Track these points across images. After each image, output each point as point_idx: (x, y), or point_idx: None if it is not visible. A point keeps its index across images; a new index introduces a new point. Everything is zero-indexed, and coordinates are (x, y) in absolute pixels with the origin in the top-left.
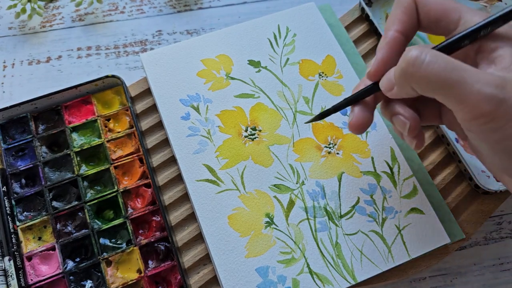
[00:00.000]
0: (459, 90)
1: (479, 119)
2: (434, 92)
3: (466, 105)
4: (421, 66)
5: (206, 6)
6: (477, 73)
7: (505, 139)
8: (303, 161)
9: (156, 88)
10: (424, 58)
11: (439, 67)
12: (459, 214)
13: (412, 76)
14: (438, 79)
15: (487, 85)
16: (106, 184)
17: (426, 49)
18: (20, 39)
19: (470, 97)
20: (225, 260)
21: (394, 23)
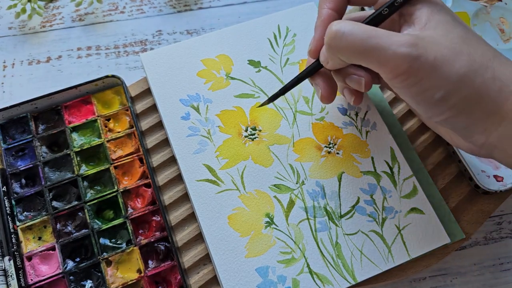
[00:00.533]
0: (377, 55)
1: (398, 77)
2: (357, 60)
3: (385, 67)
4: (341, 39)
5: (206, 6)
6: (391, 36)
7: (423, 91)
8: (303, 161)
9: (156, 88)
10: (343, 31)
11: (356, 37)
12: (459, 214)
13: (335, 48)
14: (357, 48)
15: (401, 46)
16: (106, 184)
17: (345, 22)
18: (20, 39)
19: (387, 59)
20: (225, 260)
21: (325, 1)
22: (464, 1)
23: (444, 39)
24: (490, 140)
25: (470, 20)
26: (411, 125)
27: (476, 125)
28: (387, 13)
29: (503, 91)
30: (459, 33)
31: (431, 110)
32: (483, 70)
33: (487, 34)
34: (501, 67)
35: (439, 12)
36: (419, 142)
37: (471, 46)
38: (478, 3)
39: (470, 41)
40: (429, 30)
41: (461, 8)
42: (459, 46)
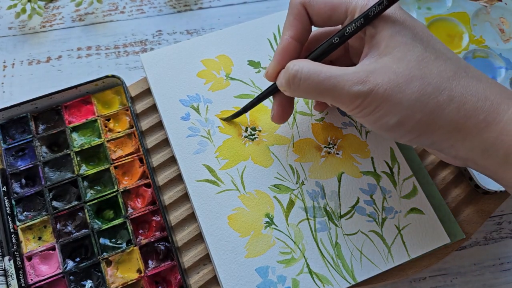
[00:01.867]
0: (332, 95)
1: (354, 110)
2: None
3: (342, 104)
4: (299, 83)
5: (206, 6)
6: (345, 76)
7: (378, 119)
8: (303, 161)
9: (156, 89)
10: (300, 76)
11: (313, 82)
12: (459, 214)
13: (294, 90)
14: (314, 91)
15: (354, 84)
16: (106, 184)
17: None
18: (20, 39)
19: (343, 98)
20: (225, 260)
21: (287, 29)
22: (464, 1)
23: (398, 65)
24: (460, 153)
25: (470, 20)
26: None
27: (441, 143)
28: (338, 42)
29: (460, 111)
30: (416, 54)
31: (391, 135)
32: (438, 93)
33: (487, 34)
34: (460, 86)
35: (398, 32)
36: None
37: (427, 67)
38: (478, 3)
39: (427, 61)
40: (386, 56)
41: (461, 8)
42: (413, 71)
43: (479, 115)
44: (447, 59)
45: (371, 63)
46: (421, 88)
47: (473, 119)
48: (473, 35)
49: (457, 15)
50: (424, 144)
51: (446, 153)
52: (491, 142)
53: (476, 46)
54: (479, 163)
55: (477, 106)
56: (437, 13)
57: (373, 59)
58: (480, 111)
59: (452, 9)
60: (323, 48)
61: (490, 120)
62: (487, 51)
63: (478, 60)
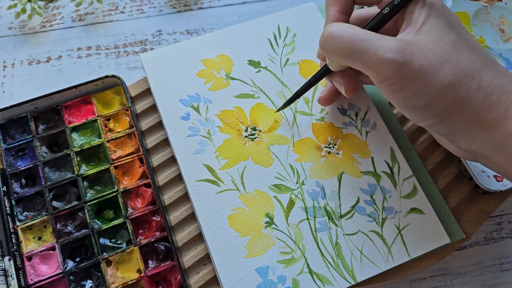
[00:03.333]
0: (364, 58)
1: (384, 81)
2: (346, 61)
3: (372, 71)
4: (331, 41)
5: (206, 6)
6: (380, 41)
7: (408, 98)
8: (303, 161)
9: (156, 88)
10: (333, 34)
11: (344, 40)
12: (459, 214)
13: (326, 50)
14: (345, 51)
15: (388, 51)
16: (106, 184)
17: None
18: (20, 39)
19: (374, 63)
20: (225, 260)
21: (331, 4)
22: (464, 1)
23: (434, 45)
24: (473, 147)
25: (470, 20)
26: (411, 125)
27: (459, 133)
28: (388, 13)
29: (486, 101)
30: (451, 39)
31: (415, 116)
32: (469, 80)
33: (487, 34)
34: (489, 77)
35: (436, 15)
36: (419, 142)
37: (461, 53)
38: (478, 3)
39: (461, 48)
40: (422, 34)
41: (461, 8)
42: (448, 54)
43: (501, 108)
44: (478, 50)
45: (408, 37)
46: (455, 73)
47: (495, 112)
48: (473, 35)
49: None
50: (442, 131)
51: (460, 145)
52: (506, 137)
53: None
54: (491, 158)
55: (500, 99)
56: None
57: (411, 35)
58: (502, 104)
59: (452, 9)
60: (375, 21)
61: (509, 115)
62: (487, 51)
63: None
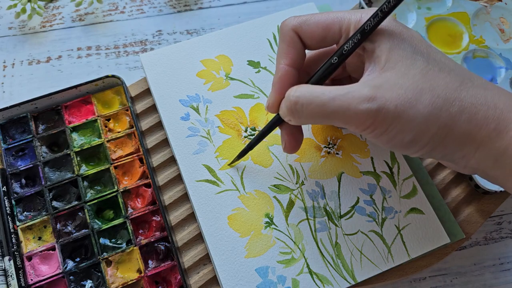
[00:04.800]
0: (340, 116)
1: (366, 130)
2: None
3: (350, 125)
4: (302, 109)
5: (206, 6)
6: (349, 94)
7: (392, 139)
8: (303, 161)
9: (156, 89)
10: (302, 102)
11: (316, 105)
12: (459, 214)
13: (299, 118)
14: (319, 115)
15: (360, 102)
16: (106, 184)
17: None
18: (20, 39)
19: (350, 119)
20: (225, 260)
21: (281, 57)
22: (464, 1)
23: (404, 80)
24: (470, 164)
25: (470, 20)
26: None
27: (453, 154)
28: (337, 62)
29: (472, 121)
30: (419, 67)
31: (405, 151)
32: (449, 105)
33: (487, 34)
34: (468, 95)
35: (398, 46)
36: None
37: (434, 79)
38: (478, 3)
39: (432, 73)
40: (388, 70)
41: (461, 8)
42: (420, 84)
43: (490, 124)
44: (450, 70)
45: (375, 78)
46: (432, 101)
47: (485, 129)
48: (473, 35)
49: (457, 15)
50: (436, 156)
51: (457, 163)
52: (501, 151)
53: (476, 46)
54: (489, 173)
55: (487, 115)
56: (437, 13)
57: (376, 74)
58: (490, 120)
59: (452, 9)
60: (323, 70)
61: (501, 129)
62: (487, 51)
63: (478, 60)
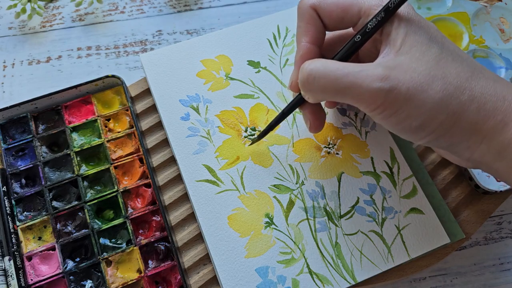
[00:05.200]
0: (351, 93)
1: (375, 110)
2: (333, 98)
3: (361, 103)
4: (314, 82)
5: (206, 6)
6: (363, 72)
7: (401, 121)
8: (303, 161)
9: (156, 89)
10: (314, 74)
11: (328, 79)
12: (459, 214)
13: (309, 90)
14: (331, 89)
15: (373, 81)
16: (106, 184)
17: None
18: (20, 39)
19: (362, 96)
20: (225, 260)
21: (302, 35)
22: (464, 1)
23: (418, 64)
24: (474, 156)
25: (470, 20)
26: None
27: (459, 145)
28: (360, 40)
29: (481, 111)
30: (433, 54)
31: (412, 137)
32: (459, 93)
33: (487, 34)
34: (479, 86)
35: (414, 32)
36: None
37: (446, 67)
38: (478, 3)
39: (445, 61)
40: (403, 54)
41: (461, 8)
42: (433, 70)
43: (498, 115)
44: (463, 60)
45: (390, 60)
46: (444, 88)
47: (492, 120)
48: (473, 35)
49: (457, 15)
50: (441, 145)
51: (460, 155)
52: (506, 144)
53: (476, 46)
54: (492, 166)
55: (496, 106)
56: (437, 13)
57: (391, 57)
58: (499, 112)
59: (452, 9)
60: (346, 49)
61: (507, 121)
62: (487, 51)
63: (478, 60)
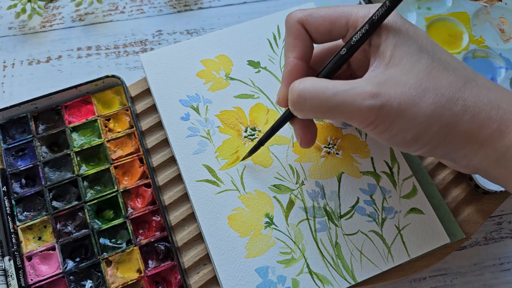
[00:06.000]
0: (343, 111)
1: (368, 127)
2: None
3: (353, 120)
4: (304, 103)
5: (206, 6)
6: (353, 90)
7: (394, 136)
8: (303, 161)
9: (156, 89)
10: (305, 95)
11: (319, 99)
12: (459, 214)
13: (300, 110)
14: (322, 109)
15: (364, 99)
16: (106, 184)
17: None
18: (20, 39)
19: (353, 114)
20: (225, 261)
21: (289, 50)
22: (464, 1)
23: (408, 77)
24: (472, 163)
25: (470, 20)
26: None
27: (455, 153)
28: (346, 53)
29: (475, 120)
30: (424, 65)
31: (407, 149)
32: (452, 104)
33: (487, 34)
34: (472, 95)
35: (403, 43)
36: None
37: (438, 78)
38: (478, 3)
39: (436, 72)
40: (393, 67)
41: (461, 8)
42: (425, 82)
43: (493, 124)
44: (454, 69)
45: (379, 74)
46: (436, 100)
47: (487, 129)
48: (473, 35)
49: (457, 15)
50: (437, 155)
51: (458, 162)
52: (503, 151)
53: (476, 46)
54: (490, 173)
55: (490, 115)
56: (437, 13)
57: (380, 70)
58: (493, 120)
59: (452, 9)
60: (332, 63)
61: (503, 129)
62: (487, 51)
63: (478, 60)
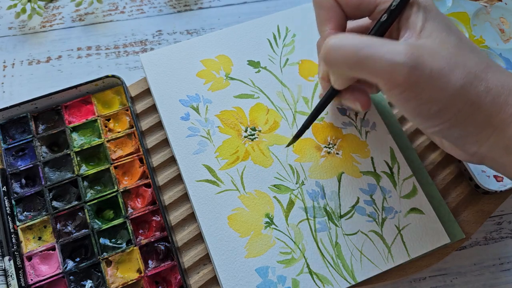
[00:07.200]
0: (372, 65)
1: (394, 89)
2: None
3: (381, 78)
4: (335, 53)
5: (206, 6)
6: (386, 45)
7: (419, 106)
8: (303, 161)
9: (156, 89)
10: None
11: (348, 49)
12: (459, 214)
13: (329, 62)
14: (350, 59)
15: (397, 54)
16: (106, 184)
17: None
18: (20, 39)
19: (383, 70)
20: (225, 261)
21: (324, 24)
22: (464, 1)
23: (440, 49)
24: (481, 150)
25: (470, 20)
26: (411, 125)
27: (469, 137)
28: (386, 19)
29: (495, 103)
30: (453, 42)
31: (426, 123)
32: (478, 82)
33: (487, 34)
34: (494, 78)
35: (434, 19)
36: (419, 142)
37: (466, 56)
38: (478, 3)
39: (464, 50)
40: (424, 38)
41: (461, 8)
42: (455, 57)
43: (508, 109)
44: (478, 52)
45: (412, 41)
46: (464, 76)
47: (503, 113)
48: (473, 35)
49: (457, 15)
50: (451, 136)
51: (467, 149)
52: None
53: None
54: (498, 161)
55: (507, 100)
56: None
57: (412, 39)
58: (509, 105)
59: (452, 9)
60: (375, 30)
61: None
62: (487, 51)
63: None
